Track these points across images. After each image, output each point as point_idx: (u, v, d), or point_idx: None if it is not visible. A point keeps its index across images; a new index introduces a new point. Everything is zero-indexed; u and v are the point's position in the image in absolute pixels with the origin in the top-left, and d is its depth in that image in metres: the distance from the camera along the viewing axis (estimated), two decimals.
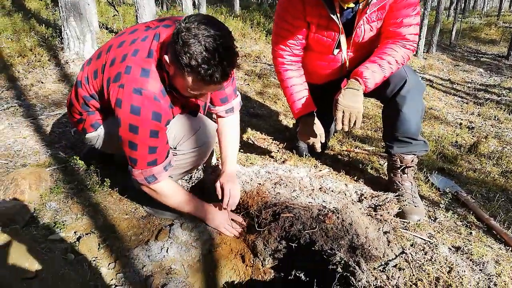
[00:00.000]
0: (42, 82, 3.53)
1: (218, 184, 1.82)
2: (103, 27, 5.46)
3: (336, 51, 2.09)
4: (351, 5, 1.89)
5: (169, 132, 1.61)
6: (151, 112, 1.42)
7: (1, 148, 2.33)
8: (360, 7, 1.90)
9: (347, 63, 2.14)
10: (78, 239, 1.61)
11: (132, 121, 1.41)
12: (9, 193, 1.80)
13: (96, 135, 1.78)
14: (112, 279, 1.45)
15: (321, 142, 2.25)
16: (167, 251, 1.63)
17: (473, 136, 3.57)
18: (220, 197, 1.81)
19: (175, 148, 1.67)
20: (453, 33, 10.39)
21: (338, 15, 1.91)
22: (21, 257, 1.28)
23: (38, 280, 1.23)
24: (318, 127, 2.21)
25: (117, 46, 1.53)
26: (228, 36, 1.30)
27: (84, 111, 1.71)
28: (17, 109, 2.94)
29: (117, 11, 5.82)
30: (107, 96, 1.50)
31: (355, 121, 1.85)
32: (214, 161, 2.28)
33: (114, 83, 1.45)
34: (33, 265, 1.27)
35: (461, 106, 4.79)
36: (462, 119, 4.16)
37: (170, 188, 1.65)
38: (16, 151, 2.31)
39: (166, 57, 1.36)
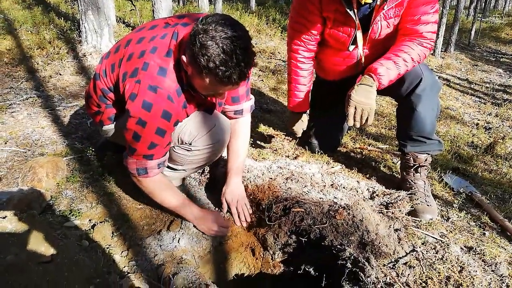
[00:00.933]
0: (60, 74, 3.60)
1: (224, 201, 1.85)
2: (120, 22, 5.53)
3: (351, 47, 2.08)
4: (369, 0, 1.88)
5: (185, 128, 1.64)
6: (162, 110, 1.44)
7: (20, 137, 2.39)
8: (378, 3, 1.88)
9: (363, 60, 2.13)
10: (93, 226, 1.65)
11: (142, 116, 1.43)
12: (27, 181, 1.85)
13: (113, 128, 1.81)
14: (124, 266, 1.48)
15: (303, 129, 2.48)
16: (178, 242, 1.65)
17: (490, 136, 3.51)
18: (225, 211, 1.86)
19: (190, 144, 1.69)
20: (472, 32, 10.17)
21: (355, 10, 1.90)
22: (37, 242, 1.32)
23: (53, 264, 1.26)
24: (304, 122, 2.45)
25: (136, 41, 1.55)
26: (245, 37, 1.31)
27: (102, 103, 1.73)
28: (35, 100, 3.01)
29: (134, 6, 5.88)
30: (122, 89, 1.52)
31: (367, 117, 1.84)
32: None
33: (131, 78, 1.47)
34: (49, 250, 1.31)
35: (479, 106, 4.70)
36: (479, 120, 4.09)
37: (157, 185, 1.66)
38: (35, 140, 2.37)
39: (184, 58, 1.37)
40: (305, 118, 2.45)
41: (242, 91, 1.83)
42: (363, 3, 1.88)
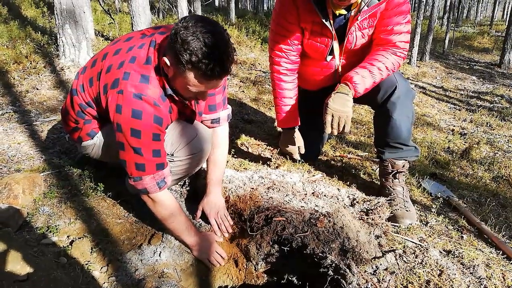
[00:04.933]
0: (37, 89, 3.54)
1: (200, 210, 1.86)
2: (99, 35, 5.49)
3: (329, 58, 2.12)
4: (343, 12, 1.93)
5: (167, 139, 1.62)
6: (153, 116, 1.43)
7: None
8: (352, 14, 1.93)
9: (340, 69, 2.17)
10: (71, 243, 1.61)
11: (134, 125, 1.41)
12: (3, 198, 1.80)
13: (92, 144, 1.78)
14: (104, 283, 1.46)
15: (299, 153, 2.37)
16: (159, 255, 1.63)
17: (465, 142, 3.61)
18: (197, 218, 1.88)
19: (172, 155, 1.68)
20: (446, 41, 10.51)
21: (331, 21, 1.95)
22: (13, 261, 1.29)
23: (29, 282, 1.23)
24: (298, 139, 2.34)
25: (113, 53, 1.54)
26: (224, 32, 1.34)
27: (80, 119, 1.70)
28: (12, 115, 2.95)
29: (113, 19, 5.86)
30: (104, 102, 1.49)
31: (344, 125, 1.87)
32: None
33: (112, 89, 1.45)
34: (25, 268, 1.28)
35: (454, 113, 4.84)
36: (454, 126, 4.21)
37: (172, 197, 1.64)
38: (11, 156, 2.31)
39: (166, 59, 1.37)
40: (298, 135, 2.35)
41: (218, 99, 1.84)
42: (337, 14, 1.93)
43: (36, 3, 7.35)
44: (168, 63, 1.37)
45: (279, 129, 2.53)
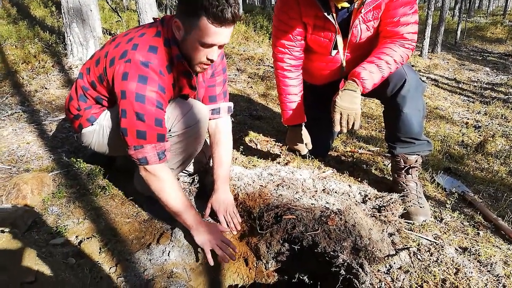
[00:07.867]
0: (46, 88, 3.55)
1: (209, 207, 1.82)
2: (107, 33, 5.49)
3: (334, 52, 2.07)
4: (346, 4, 1.87)
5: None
6: (158, 84, 1.47)
7: (4, 153, 2.33)
8: (355, 6, 1.88)
9: (344, 64, 2.12)
10: (80, 243, 1.60)
11: (139, 90, 1.44)
12: (12, 198, 1.80)
13: (92, 130, 1.79)
14: (113, 283, 1.44)
15: (307, 149, 2.33)
16: (168, 255, 1.62)
17: (480, 135, 3.53)
18: (206, 216, 1.83)
19: (170, 131, 1.67)
20: (458, 32, 10.31)
21: (334, 15, 1.90)
22: (21, 262, 1.28)
23: (37, 284, 1.22)
24: (305, 136, 2.30)
25: (122, 36, 1.62)
26: None
27: (82, 103, 1.74)
28: (21, 115, 2.96)
29: (121, 17, 5.86)
30: (111, 75, 1.54)
31: (353, 122, 1.83)
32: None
33: (120, 60, 1.50)
34: (33, 269, 1.27)
35: (467, 105, 4.73)
36: (468, 118, 4.12)
37: (171, 176, 1.60)
38: (20, 156, 2.31)
39: (178, 20, 1.44)
40: (305, 132, 2.31)
41: (218, 90, 1.88)
42: (340, 8, 1.88)
43: (44, 2, 7.39)
44: (180, 21, 1.44)
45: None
